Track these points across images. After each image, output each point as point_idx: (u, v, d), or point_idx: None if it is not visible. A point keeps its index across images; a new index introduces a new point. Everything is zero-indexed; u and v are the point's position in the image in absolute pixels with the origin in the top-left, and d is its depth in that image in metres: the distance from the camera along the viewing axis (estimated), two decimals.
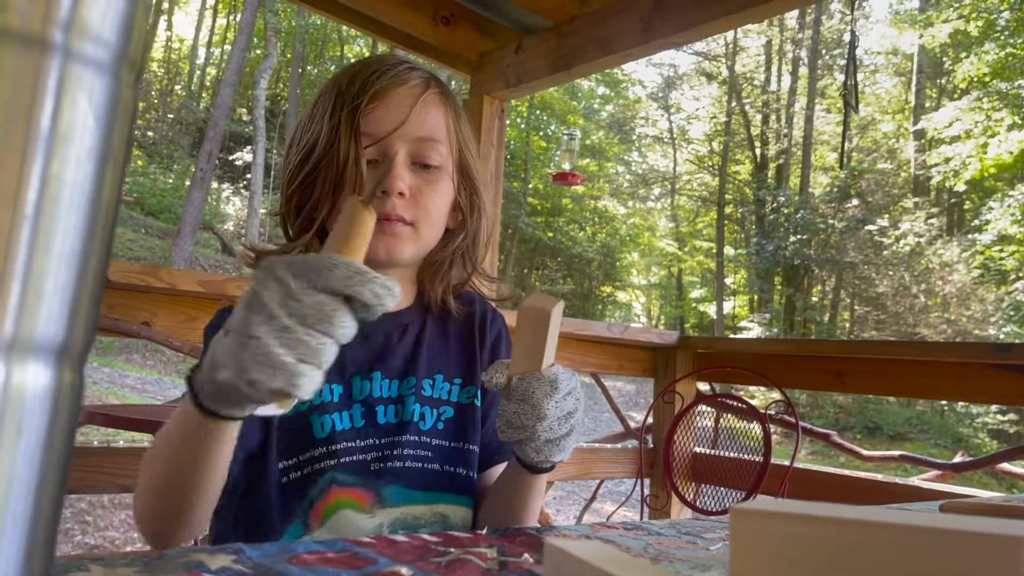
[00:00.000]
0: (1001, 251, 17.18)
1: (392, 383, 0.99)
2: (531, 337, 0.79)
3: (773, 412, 2.82)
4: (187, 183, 18.36)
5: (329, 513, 0.90)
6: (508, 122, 3.97)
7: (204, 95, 26.14)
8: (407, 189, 0.94)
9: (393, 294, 0.65)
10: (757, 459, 2.65)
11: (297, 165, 0.96)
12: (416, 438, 0.97)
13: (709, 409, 3.14)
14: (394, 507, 0.93)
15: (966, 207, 21.40)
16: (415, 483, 0.95)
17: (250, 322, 0.61)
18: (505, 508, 0.95)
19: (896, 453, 3.31)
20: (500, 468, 1.02)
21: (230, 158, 23.61)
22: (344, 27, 17.89)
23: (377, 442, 0.95)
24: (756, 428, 2.71)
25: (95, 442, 2.16)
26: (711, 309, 25.26)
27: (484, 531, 0.73)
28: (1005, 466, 3.19)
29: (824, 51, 23.39)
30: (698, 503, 2.89)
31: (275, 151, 21.98)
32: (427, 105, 0.97)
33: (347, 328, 0.63)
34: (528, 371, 0.79)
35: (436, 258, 1.04)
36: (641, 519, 3.05)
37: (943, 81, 22.63)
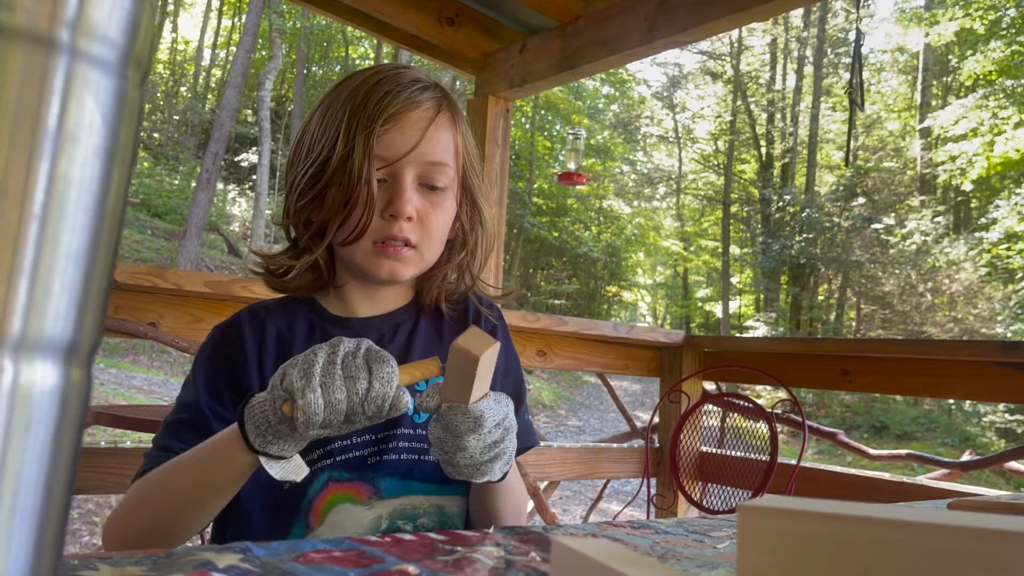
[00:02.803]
0: (1008, 249, 17.12)
1: None
2: (460, 373, 0.78)
3: (779, 411, 2.82)
4: (193, 184, 18.40)
5: (328, 509, 0.93)
6: (513, 122, 3.97)
7: (209, 97, 26.20)
8: (415, 212, 0.97)
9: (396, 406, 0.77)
10: (764, 458, 2.65)
11: (308, 178, 0.98)
12: (411, 431, 0.99)
13: (715, 408, 3.14)
14: (392, 498, 0.95)
15: (973, 205, 21.33)
16: (412, 474, 0.97)
17: (314, 353, 0.75)
18: (479, 511, 0.98)
19: (903, 452, 3.30)
20: None
21: (236, 159, 23.66)
22: (349, 28, 17.92)
23: (373, 437, 0.97)
24: (762, 427, 2.70)
25: (102, 443, 2.17)
26: (717, 308, 25.23)
27: (491, 530, 0.74)
28: (1013, 465, 3.18)
29: (829, 49, 23.33)
30: (705, 502, 2.89)
31: (280, 152, 22.02)
32: (438, 129, 0.99)
33: (356, 396, 0.74)
34: (455, 402, 0.79)
35: (435, 271, 1.07)
36: (648, 518, 3.05)
37: (949, 79, 22.56)
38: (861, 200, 21.15)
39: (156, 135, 23.73)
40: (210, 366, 0.99)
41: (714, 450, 3.04)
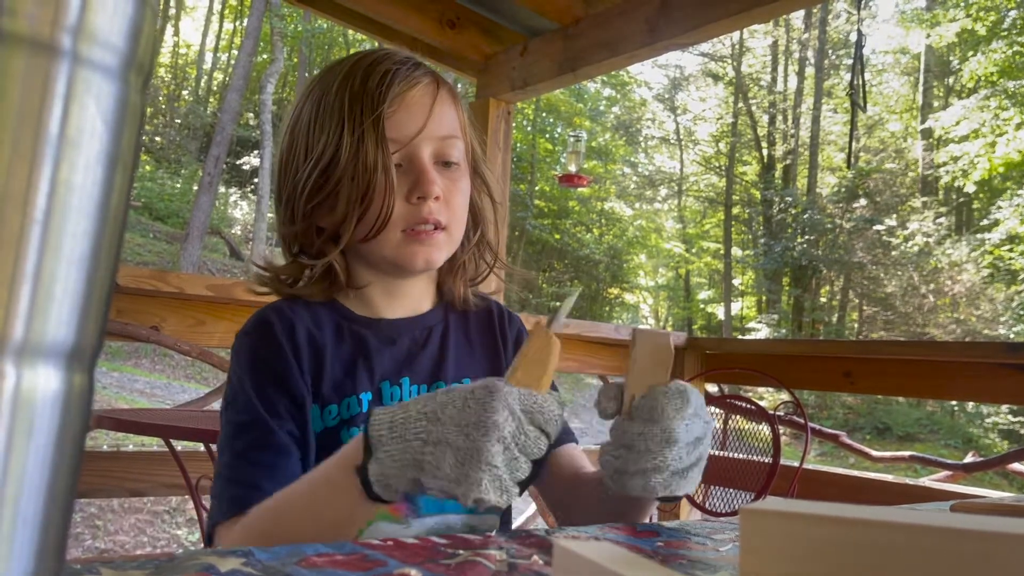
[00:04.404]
0: (1010, 250, 17.11)
1: (421, 388, 0.96)
2: (650, 359, 0.72)
3: (782, 413, 2.81)
4: (195, 188, 18.45)
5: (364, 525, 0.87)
6: (514, 124, 3.98)
7: (211, 100, 26.24)
8: (440, 192, 0.93)
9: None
10: (766, 460, 2.64)
11: (315, 179, 0.91)
12: None
13: (718, 410, 3.13)
14: (428, 516, 0.90)
15: (975, 206, 21.32)
16: None
17: (485, 449, 0.65)
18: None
19: (906, 454, 3.30)
20: (566, 450, 1.01)
21: (237, 163, 23.68)
22: (350, 31, 17.93)
23: None
24: (765, 429, 2.70)
25: (105, 447, 2.18)
26: (719, 310, 25.22)
27: (493, 533, 0.73)
28: (1016, 466, 3.17)
29: (831, 51, 23.34)
30: (707, 505, 2.89)
31: None
32: (443, 104, 0.96)
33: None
34: (653, 385, 0.72)
35: (456, 261, 1.03)
36: (650, 521, 3.04)
37: (950, 80, 22.55)
38: (863, 201, 21.15)
39: (158, 138, 23.76)
40: (255, 377, 0.90)
41: (716, 452, 3.03)
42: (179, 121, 25.16)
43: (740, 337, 20.57)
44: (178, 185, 21.37)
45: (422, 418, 0.68)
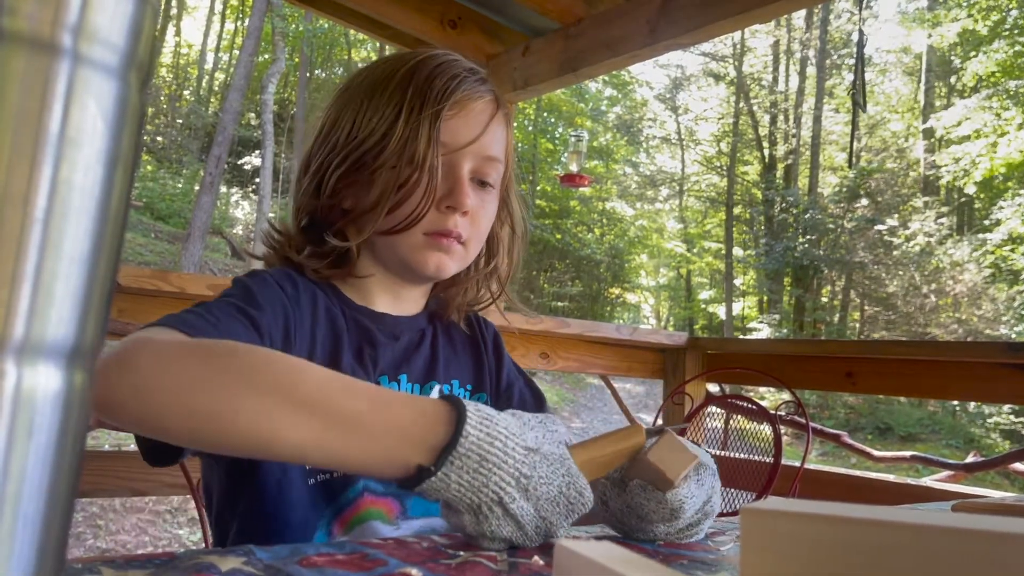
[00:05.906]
0: (1012, 251, 17.10)
1: (415, 387, 0.97)
2: (652, 479, 0.70)
3: (783, 413, 2.81)
4: (196, 188, 18.44)
5: (356, 523, 0.86)
6: (515, 124, 3.97)
7: (213, 100, 26.24)
8: (470, 208, 0.92)
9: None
10: (767, 460, 2.64)
11: (355, 158, 0.90)
12: None
13: (719, 410, 3.13)
14: (415, 518, 0.90)
15: (976, 206, 21.30)
16: None
17: (536, 541, 0.66)
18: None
19: (907, 454, 3.30)
20: None
21: (239, 163, 23.68)
22: (351, 31, 17.95)
23: None
24: (766, 429, 2.69)
25: (107, 446, 2.18)
26: (720, 310, 25.20)
27: None
28: (1017, 466, 3.17)
29: (832, 51, 23.32)
30: None
31: (283, 155, 22.03)
32: (498, 124, 0.96)
33: None
34: (652, 483, 0.71)
35: (466, 278, 1.03)
36: None
37: (953, 80, 22.54)
38: (864, 201, 21.13)
39: (159, 138, 23.77)
40: (260, 286, 0.85)
41: (718, 452, 3.03)
42: (180, 121, 25.17)
43: (741, 337, 20.55)
44: (179, 185, 21.38)
45: (512, 478, 0.63)
